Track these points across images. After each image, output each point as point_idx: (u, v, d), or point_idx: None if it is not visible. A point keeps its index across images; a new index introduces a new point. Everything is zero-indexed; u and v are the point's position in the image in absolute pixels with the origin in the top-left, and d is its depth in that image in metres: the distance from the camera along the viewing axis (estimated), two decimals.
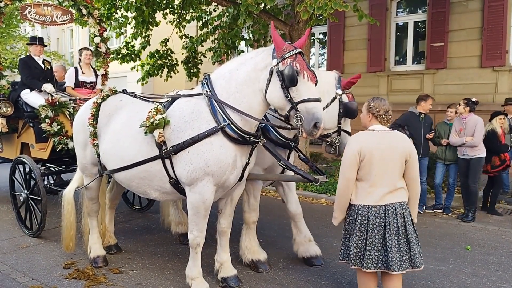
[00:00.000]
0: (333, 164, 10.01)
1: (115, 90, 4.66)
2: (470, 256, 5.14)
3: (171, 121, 3.78)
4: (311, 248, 4.80)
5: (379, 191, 3.31)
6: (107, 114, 4.40)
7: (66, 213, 4.81)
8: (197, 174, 3.66)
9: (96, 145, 4.40)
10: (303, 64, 3.37)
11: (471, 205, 6.69)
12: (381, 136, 3.37)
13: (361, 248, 3.34)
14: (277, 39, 3.43)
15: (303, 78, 3.34)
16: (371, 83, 11.01)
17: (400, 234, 3.28)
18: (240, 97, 3.63)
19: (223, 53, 10.55)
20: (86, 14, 7.00)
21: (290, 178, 4.45)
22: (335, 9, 6.71)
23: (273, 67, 3.41)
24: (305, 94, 3.34)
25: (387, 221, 3.27)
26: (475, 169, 6.66)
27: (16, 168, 5.94)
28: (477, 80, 9.71)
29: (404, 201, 3.37)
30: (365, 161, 3.31)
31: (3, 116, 6.14)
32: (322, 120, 3.32)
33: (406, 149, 3.35)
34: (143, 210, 7.04)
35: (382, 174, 3.31)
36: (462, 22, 9.89)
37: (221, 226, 4.27)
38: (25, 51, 18.91)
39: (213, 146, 3.62)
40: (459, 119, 6.81)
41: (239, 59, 3.82)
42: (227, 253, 4.30)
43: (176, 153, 3.71)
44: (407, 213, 3.34)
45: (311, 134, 3.36)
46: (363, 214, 3.34)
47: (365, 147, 3.31)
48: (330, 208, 7.47)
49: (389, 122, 3.48)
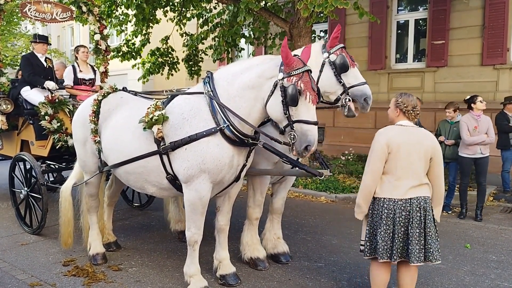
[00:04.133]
0: (333, 162, 10.01)
1: (116, 88, 4.67)
2: (469, 254, 5.14)
3: (170, 117, 3.79)
4: (279, 245, 4.86)
5: (405, 184, 3.35)
6: (107, 110, 4.42)
7: (63, 209, 4.84)
8: (193, 171, 3.67)
9: (98, 141, 4.42)
10: (308, 84, 3.33)
11: (481, 203, 6.68)
12: (410, 131, 3.42)
13: (387, 241, 3.38)
14: (287, 54, 3.34)
15: (304, 99, 3.31)
16: (371, 81, 10.87)
17: (421, 227, 3.34)
18: (241, 101, 3.62)
19: (224, 50, 10.54)
20: (86, 11, 6.99)
21: (294, 173, 4.44)
22: (336, 6, 6.69)
23: (278, 81, 3.38)
24: (303, 115, 3.33)
25: (411, 214, 3.33)
26: (486, 167, 6.60)
27: (16, 165, 5.95)
28: (478, 78, 9.68)
29: (428, 195, 3.41)
30: (392, 154, 3.35)
31: (3, 114, 6.14)
32: (314, 144, 3.33)
33: (432, 146, 3.40)
34: (142, 207, 7.04)
35: (408, 168, 3.34)
36: (463, 20, 9.85)
37: (219, 224, 4.28)
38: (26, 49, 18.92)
39: (210, 145, 3.62)
40: (470, 117, 6.56)
41: (245, 63, 3.78)
42: (225, 250, 4.32)
43: (173, 150, 3.73)
44: (429, 208, 3.39)
45: (300, 155, 3.38)
46: (389, 208, 3.37)
47: (394, 141, 3.35)
48: (330, 206, 7.54)
49: (417, 117, 3.52)
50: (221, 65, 10.77)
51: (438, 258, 3.39)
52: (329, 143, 11.68)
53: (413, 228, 3.32)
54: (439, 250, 3.41)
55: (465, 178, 6.80)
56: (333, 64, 4.07)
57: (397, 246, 3.36)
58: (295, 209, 7.16)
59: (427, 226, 3.35)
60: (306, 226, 6.25)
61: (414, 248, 3.31)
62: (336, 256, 5.02)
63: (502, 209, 7.24)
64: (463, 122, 6.58)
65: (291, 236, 5.63)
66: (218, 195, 4.14)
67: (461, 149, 6.70)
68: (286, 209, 4.95)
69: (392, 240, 3.37)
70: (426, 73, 10.50)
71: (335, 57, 4.08)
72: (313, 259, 4.92)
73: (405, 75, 10.88)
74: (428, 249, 3.35)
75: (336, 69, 4.06)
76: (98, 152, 4.47)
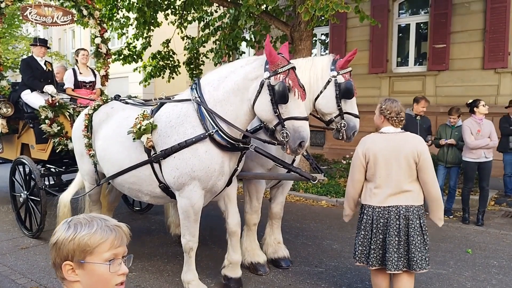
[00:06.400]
0: (334, 166, 9.98)
1: (107, 99, 4.69)
2: (470, 259, 5.11)
3: (158, 125, 3.78)
4: (280, 250, 4.85)
5: (383, 192, 3.36)
6: (98, 122, 4.45)
7: (61, 215, 4.86)
8: (184, 179, 3.67)
9: (93, 155, 4.47)
10: (295, 81, 3.34)
11: (483, 208, 6.66)
12: (387, 138, 3.40)
13: (366, 246, 3.44)
14: (271, 52, 3.34)
15: (293, 95, 3.31)
16: (372, 85, 10.99)
17: (401, 236, 3.31)
18: (227, 105, 3.59)
19: (225, 54, 10.53)
20: (87, 15, 6.98)
21: (287, 177, 4.42)
22: (337, 10, 6.69)
23: (264, 80, 3.36)
24: (293, 112, 3.32)
25: (389, 222, 3.32)
26: (489, 171, 6.59)
27: (16, 169, 5.94)
28: (479, 82, 9.67)
29: (412, 204, 3.34)
30: (370, 163, 3.39)
31: (3, 117, 6.13)
32: (307, 139, 3.34)
33: (413, 151, 3.32)
34: (143, 211, 7.02)
35: (386, 176, 3.34)
36: (465, 24, 9.85)
37: (229, 227, 4.14)
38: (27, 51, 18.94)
39: (198, 152, 3.60)
40: (473, 121, 6.52)
41: (229, 66, 3.77)
42: (238, 254, 4.21)
43: (164, 158, 3.71)
44: (414, 217, 3.32)
45: (295, 152, 3.38)
46: (368, 214, 3.43)
47: (370, 150, 3.38)
48: (331, 210, 7.52)
49: (401, 123, 3.48)
50: None
51: (423, 267, 3.33)
52: (330, 147, 11.66)
53: (391, 236, 3.30)
54: (426, 258, 3.35)
55: (469, 183, 6.75)
56: (339, 87, 4.03)
57: (374, 252, 3.38)
58: (296, 213, 7.14)
59: (410, 235, 3.30)
60: (306, 230, 6.22)
61: (392, 256, 3.30)
62: (337, 261, 5.00)
63: (503, 214, 7.21)
64: (466, 126, 6.53)
65: (292, 240, 5.60)
66: (217, 199, 4.12)
67: (465, 154, 6.64)
68: (286, 213, 4.93)
69: (369, 246, 3.41)
70: (427, 77, 10.49)
71: (343, 79, 4.04)
72: (313, 264, 4.90)
73: (406, 78, 10.88)
74: (411, 258, 3.30)
75: (340, 92, 4.03)
76: (94, 165, 4.51)
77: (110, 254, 1.40)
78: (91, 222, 1.42)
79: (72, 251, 1.38)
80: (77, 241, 1.37)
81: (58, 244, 1.40)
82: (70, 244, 1.38)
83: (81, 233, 1.38)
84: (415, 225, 3.32)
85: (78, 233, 1.38)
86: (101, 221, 1.43)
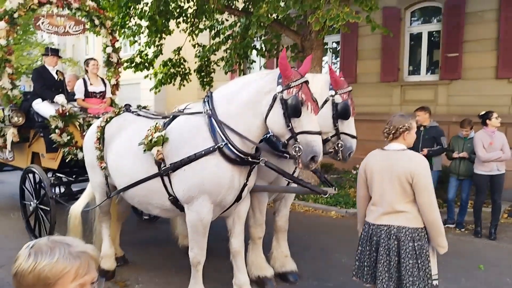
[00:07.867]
0: (345, 176, 9.91)
1: (119, 111, 4.70)
2: (483, 276, 5.00)
3: (170, 138, 3.77)
4: (288, 263, 4.80)
5: (377, 210, 3.33)
6: (110, 135, 4.46)
7: (72, 227, 4.87)
8: (193, 193, 3.65)
9: (104, 167, 4.46)
10: (308, 95, 3.32)
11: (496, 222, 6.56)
12: (386, 155, 3.30)
13: (362, 262, 3.40)
14: (284, 65, 3.33)
15: (306, 109, 3.30)
16: (384, 94, 10.89)
17: (391, 256, 3.18)
18: (240, 118, 3.58)
19: (235, 62, 10.55)
20: (98, 24, 7.05)
21: (297, 190, 4.42)
22: (347, 20, 6.65)
23: (277, 94, 3.35)
24: (306, 126, 3.30)
25: (380, 240, 3.26)
26: (502, 184, 6.48)
27: (27, 178, 5.99)
28: (493, 91, 9.51)
29: (405, 226, 3.17)
30: (368, 180, 3.38)
31: (14, 126, 6.20)
32: (320, 154, 3.31)
33: (406, 171, 3.13)
34: (152, 220, 7.02)
35: (380, 194, 3.30)
36: (478, 33, 9.71)
37: (233, 247, 4.12)
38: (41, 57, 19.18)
39: (208, 165, 3.58)
40: (485, 133, 6.43)
41: (243, 80, 3.78)
42: (244, 274, 4.15)
43: (174, 171, 3.70)
44: (406, 239, 3.15)
45: (307, 167, 3.35)
46: (365, 230, 3.41)
47: (369, 167, 3.37)
48: (340, 221, 7.44)
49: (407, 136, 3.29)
50: (233, 77, 10.78)
51: None
52: None
53: (381, 255, 3.23)
54: (419, 285, 3.09)
55: (481, 196, 6.63)
56: (335, 107, 4.01)
57: (368, 268, 3.35)
58: (305, 224, 7.08)
59: (401, 256, 3.14)
60: (315, 243, 6.15)
61: (383, 276, 3.19)
62: (345, 276, 4.90)
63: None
64: (478, 138, 6.44)
65: (300, 253, 5.53)
66: (226, 216, 4.08)
67: (476, 167, 6.55)
68: (295, 224, 4.89)
69: (364, 262, 3.38)
70: (439, 86, 10.36)
71: (340, 99, 4.01)
72: (322, 279, 4.84)
73: (418, 87, 10.76)
74: (402, 281, 3.11)
75: (336, 112, 4.01)
76: (105, 177, 4.50)
77: (75, 285, 1.26)
78: (53, 250, 1.27)
79: (32, 286, 1.24)
80: (37, 273, 1.23)
81: (17, 276, 1.26)
82: (30, 277, 1.24)
83: (41, 264, 1.23)
84: (407, 247, 3.14)
85: (38, 264, 1.23)
86: (63, 247, 1.28)
